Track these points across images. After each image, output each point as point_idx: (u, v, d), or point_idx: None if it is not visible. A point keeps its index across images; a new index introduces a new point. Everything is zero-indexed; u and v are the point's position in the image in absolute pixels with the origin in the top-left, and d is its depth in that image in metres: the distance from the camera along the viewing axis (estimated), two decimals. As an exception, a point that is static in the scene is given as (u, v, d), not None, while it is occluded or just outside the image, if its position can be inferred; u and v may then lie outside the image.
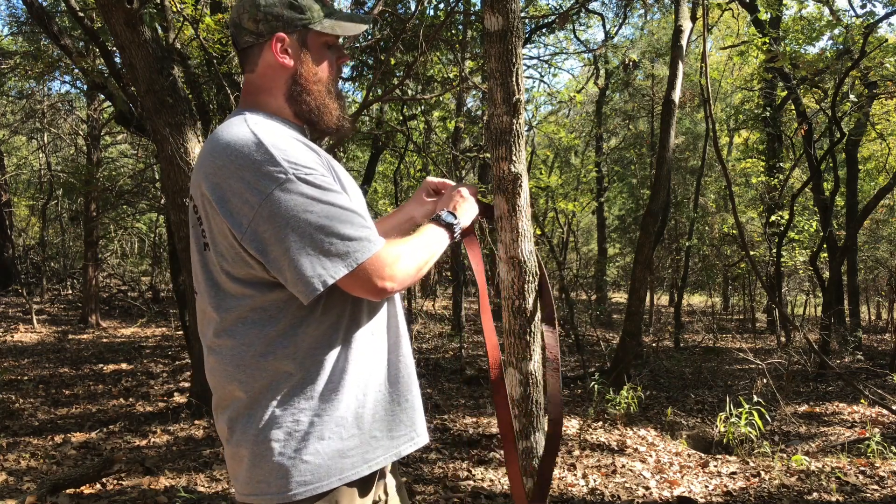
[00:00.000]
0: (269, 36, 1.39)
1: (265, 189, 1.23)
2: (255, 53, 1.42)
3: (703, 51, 4.49)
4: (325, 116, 1.44)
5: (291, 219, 1.23)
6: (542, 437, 1.91)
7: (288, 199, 1.23)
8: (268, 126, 1.32)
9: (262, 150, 1.25)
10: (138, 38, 4.73)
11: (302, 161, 1.26)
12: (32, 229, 16.87)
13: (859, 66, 7.75)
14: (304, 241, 1.23)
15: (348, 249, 1.25)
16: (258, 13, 1.39)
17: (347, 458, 1.32)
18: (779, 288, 10.45)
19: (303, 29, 1.41)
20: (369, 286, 1.28)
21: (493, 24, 1.82)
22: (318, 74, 1.43)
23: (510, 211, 1.84)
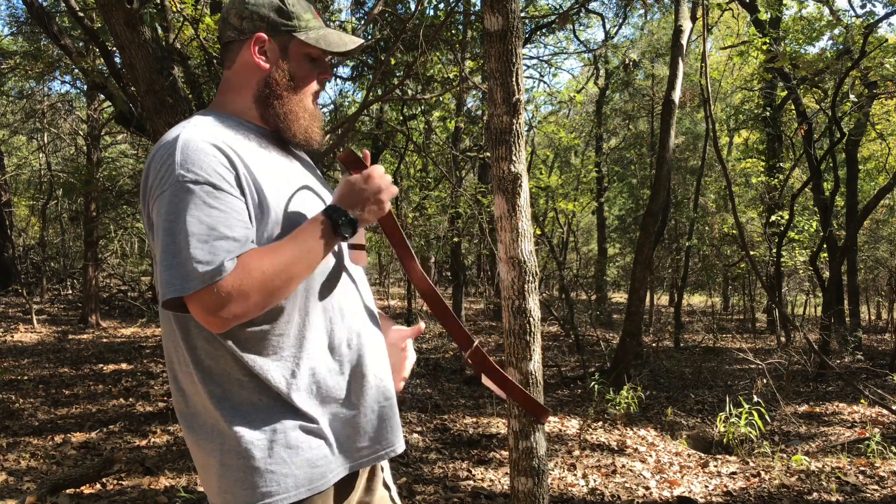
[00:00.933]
0: (250, 35, 1.38)
1: (155, 191, 1.24)
2: (234, 50, 1.40)
3: (703, 51, 4.50)
4: (291, 125, 1.39)
5: (160, 226, 1.21)
6: (542, 437, 1.91)
7: (164, 204, 1.21)
8: (199, 128, 1.28)
9: (170, 152, 1.24)
10: (138, 38, 4.73)
11: (195, 167, 1.21)
12: (32, 229, 16.87)
13: (859, 66, 7.75)
14: (164, 249, 1.19)
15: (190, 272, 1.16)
16: (245, 10, 1.38)
17: (317, 467, 1.30)
18: (779, 288, 10.45)
19: (286, 35, 1.39)
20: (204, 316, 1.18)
21: (493, 24, 1.82)
22: (292, 83, 1.40)
23: (510, 211, 1.84)
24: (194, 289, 1.16)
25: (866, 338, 11.28)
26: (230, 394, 1.27)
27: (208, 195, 1.20)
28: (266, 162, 1.33)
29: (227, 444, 1.26)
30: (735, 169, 14.31)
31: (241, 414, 1.27)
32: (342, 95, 11.31)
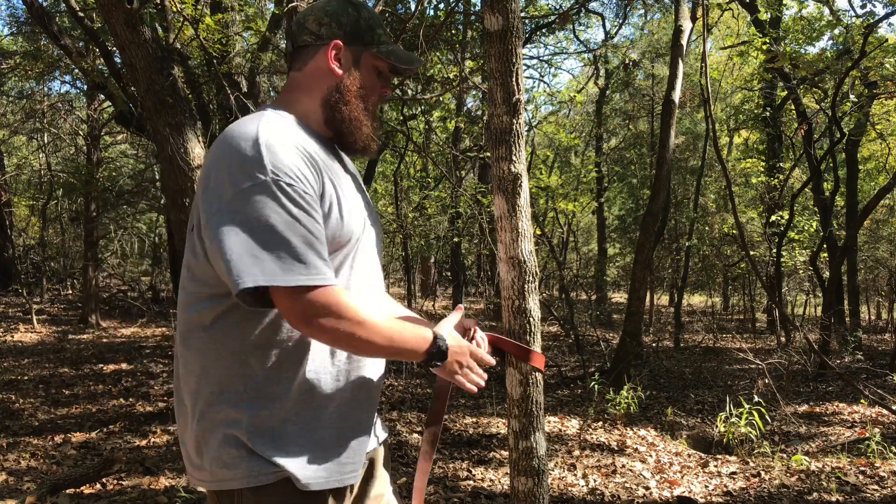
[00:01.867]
0: (327, 41, 1.44)
1: (240, 183, 1.24)
2: (307, 53, 1.46)
3: (703, 51, 4.50)
4: (355, 131, 1.45)
5: (252, 218, 1.22)
6: (542, 437, 1.91)
7: (256, 200, 1.23)
8: (277, 127, 1.32)
9: (255, 148, 1.26)
10: (138, 38, 4.73)
11: (288, 169, 1.26)
12: (32, 229, 16.86)
13: (859, 66, 7.75)
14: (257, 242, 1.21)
15: (294, 267, 1.22)
16: (324, 18, 1.44)
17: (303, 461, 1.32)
18: (779, 288, 10.45)
19: (361, 47, 1.46)
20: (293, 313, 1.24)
21: (493, 24, 1.82)
22: (360, 91, 1.46)
23: (510, 211, 1.84)
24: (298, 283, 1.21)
25: (866, 338, 11.28)
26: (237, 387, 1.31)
27: (301, 199, 1.25)
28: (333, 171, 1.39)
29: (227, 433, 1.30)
30: (735, 169, 14.31)
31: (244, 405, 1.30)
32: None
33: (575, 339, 8.54)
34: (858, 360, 8.67)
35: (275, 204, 1.23)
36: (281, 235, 1.22)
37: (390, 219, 10.28)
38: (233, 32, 6.35)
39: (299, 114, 1.43)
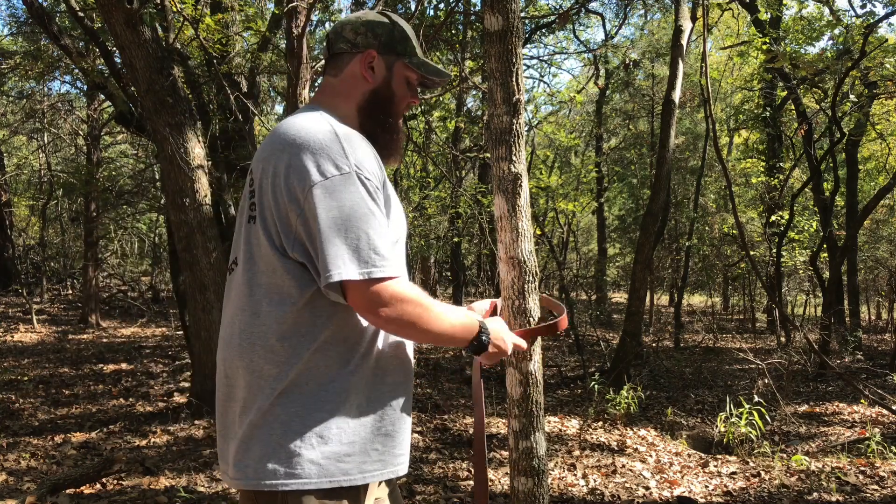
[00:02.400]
0: (362, 49, 1.51)
1: (328, 173, 1.29)
2: (343, 60, 1.53)
3: (703, 51, 4.50)
4: (384, 135, 1.52)
5: (336, 208, 1.28)
6: (542, 437, 1.91)
7: (343, 190, 1.29)
8: (344, 125, 1.40)
9: (336, 142, 1.33)
10: (138, 38, 4.73)
11: (366, 165, 1.33)
12: (32, 229, 16.86)
13: (859, 66, 7.74)
14: (342, 231, 1.27)
15: (372, 259, 1.28)
16: (361, 27, 1.52)
17: (343, 462, 1.34)
18: (779, 288, 10.45)
19: (394, 56, 1.53)
20: (365, 304, 1.29)
21: (493, 24, 1.82)
22: (391, 98, 1.53)
23: (510, 211, 1.84)
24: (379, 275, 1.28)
25: (866, 338, 11.28)
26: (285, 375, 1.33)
27: (377, 194, 1.34)
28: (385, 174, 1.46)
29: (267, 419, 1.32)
30: (735, 169, 14.31)
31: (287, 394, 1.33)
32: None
33: (575, 339, 8.54)
34: (858, 360, 8.67)
35: (357, 196, 1.29)
36: (361, 227, 1.28)
37: (390, 219, 10.30)
38: (233, 32, 6.36)
39: (340, 117, 1.47)
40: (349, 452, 1.34)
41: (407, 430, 1.46)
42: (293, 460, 1.30)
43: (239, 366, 1.37)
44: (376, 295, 1.28)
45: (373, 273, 1.27)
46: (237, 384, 1.38)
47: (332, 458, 1.32)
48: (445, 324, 1.39)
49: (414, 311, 1.32)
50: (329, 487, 1.32)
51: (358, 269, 1.27)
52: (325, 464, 1.32)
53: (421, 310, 1.33)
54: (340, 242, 1.27)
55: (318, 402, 1.33)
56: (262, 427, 1.32)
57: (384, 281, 1.29)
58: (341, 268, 1.26)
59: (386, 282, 1.29)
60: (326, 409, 1.33)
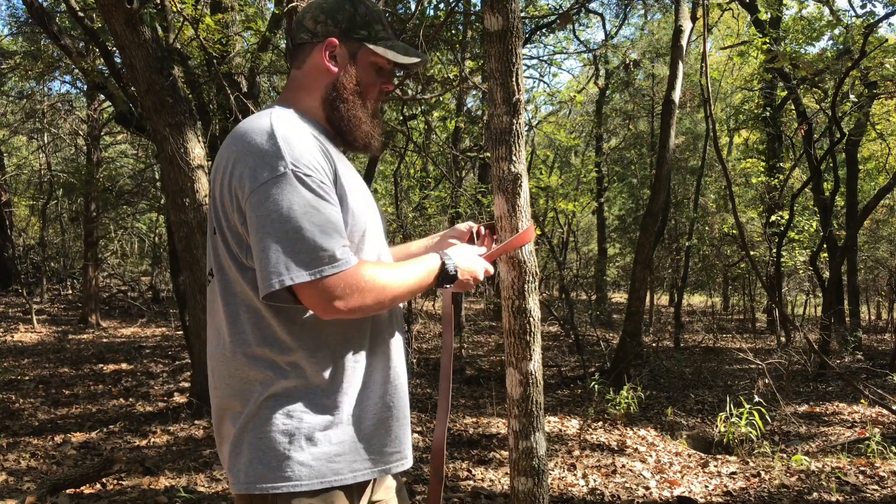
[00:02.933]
0: (322, 38, 1.44)
1: (261, 177, 1.25)
2: (305, 51, 1.47)
3: (703, 51, 4.49)
4: (354, 129, 1.46)
5: (274, 212, 1.24)
6: (542, 437, 1.91)
7: (278, 192, 1.24)
8: (289, 121, 1.35)
9: (272, 141, 1.28)
10: (138, 38, 4.73)
11: (305, 160, 1.28)
12: (32, 229, 16.86)
13: (859, 66, 7.74)
14: (279, 236, 1.24)
15: (317, 258, 1.24)
16: (320, 15, 1.45)
17: (334, 462, 1.33)
18: (779, 288, 10.45)
19: (356, 43, 1.45)
20: (321, 303, 1.26)
21: (493, 24, 1.82)
22: (357, 88, 1.46)
23: (510, 211, 1.84)
24: (327, 273, 1.24)
25: (866, 338, 11.28)
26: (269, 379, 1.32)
27: (319, 188, 1.27)
28: (345, 165, 1.41)
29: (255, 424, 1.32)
30: (735, 169, 14.31)
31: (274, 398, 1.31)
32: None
33: (575, 339, 8.54)
34: (858, 360, 8.67)
35: (296, 195, 1.25)
36: (301, 227, 1.24)
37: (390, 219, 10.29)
38: (233, 32, 6.35)
39: (303, 111, 1.44)
40: (339, 452, 1.34)
41: (400, 425, 1.44)
42: (283, 463, 1.30)
43: (225, 374, 1.37)
44: (329, 291, 1.25)
45: (324, 271, 1.24)
46: (225, 393, 1.37)
47: (323, 458, 1.32)
48: (409, 285, 1.37)
49: (372, 295, 1.30)
50: (320, 488, 1.31)
51: (306, 269, 1.23)
52: (316, 465, 1.31)
53: (378, 291, 1.31)
54: (282, 247, 1.23)
55: (305, 404, 1.32)
56: (251, 432, 1.32)
57: (335, 275, 1.25)
58: (284, 274, 1.23)
59: (337, 275, 1.25)
60: (314, 410, 1.32)
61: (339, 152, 1.44)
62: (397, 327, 1.49)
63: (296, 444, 1.30)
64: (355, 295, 1.27)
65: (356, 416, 1.37)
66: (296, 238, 1.24)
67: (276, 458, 1.30)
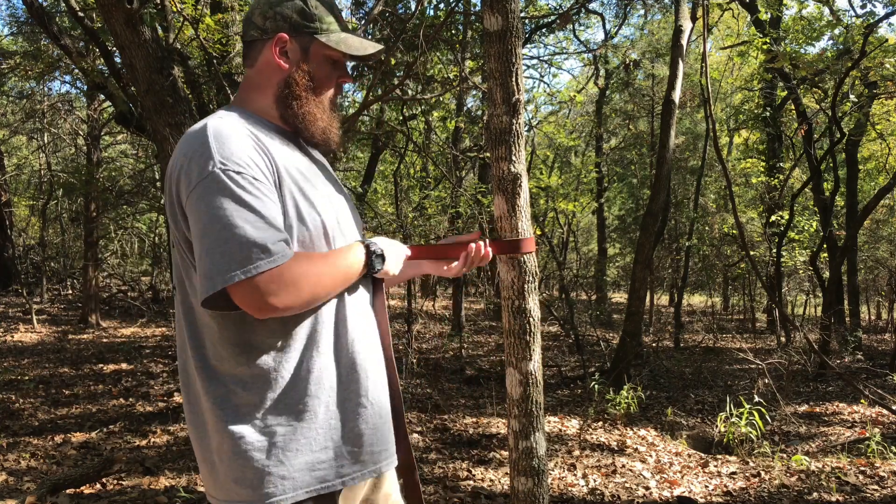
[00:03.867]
0: (272, 35, 1.39)
1: (193, 180, 1.22)
2: (256, 49, 1.42)
3: (703, 51, 4.50)
4: (309, 126, 1.41)
5: (204, 214, 1.20)
6: (542, 437, 1.91)
7: (207, 193, 1.21)
8: (227, 121, 1.30)
9: (202, 143, 1.24)
10: (138, 38, 4.73)
11: (236, 158, 1.23)
12: (32, 229, 16.87)
13: (859, 66, 7.75)
14: (211, 238, 1.19)
15: (249, 255, 1.19)
16: (268, 11, 1.40)
17: (317, 470, 1.29)
18: (779, 288, 10.45)
19: (308, 37, 1.40)
20: (255, 301, 1.20)
21: (492, 24, 1.82)
22: (311, 84, 1.41)
23: (510, 211, 1.84)
24: (262, 269, 1.19)
25: (866, 338, 11.28)
26: (233, 394, 1.28)
27: (251, 184, 1.22)
28: (291, 161, 1.35)
29: (227, 444, 1.27)
30: (735, 169, 14.31)
31: (241, 414, 1.27)
32: (342, 95, 11.30)
33: (575, 339, 8.54)
34: (858, 360, 8.67)
35: (223, 193, 1.20)
36: (231, 225, 1.19)
37: (390, 219, 10.28)
38: (233, 32, 6.35)
39: (258, 111, 1.40)
40: (322, 459, 1.30)
41: (383, 422, 1.40)
42: (264, 480, 1.25)
43: (191, 391, 1.33)
44: (264, 288, 1.19)
45: (259, 266, 1.18)
46: (197, 409, 1.33)
47: (304, 468, 1.28)
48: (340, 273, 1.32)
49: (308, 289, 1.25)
50: (306, 498, 1.28)
51: (239, 268, 1.18)
52: (298, 476, 1.27)
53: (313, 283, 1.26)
54: (214, 249, 1.19)
55: (276, 415, 1.27)
56: (225, 451, 1.27)
57: (269, 271, 1.19)
58: (216, 277, 1.18)
59: (272, 271, 1.20)
60: (286, 419, 1.27)
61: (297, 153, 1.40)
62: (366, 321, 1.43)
63: (273, 458, 1.26)
64: (291, 289, 1.22)
65: (333, 418, 1.32)
66: (227, 237, 1.19)
67: (255, 475, 1.25)
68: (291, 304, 1.23)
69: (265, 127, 1.37)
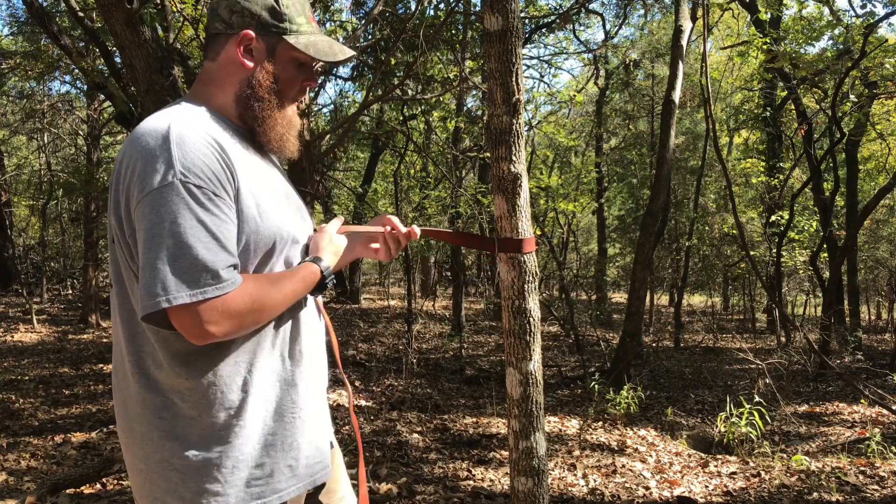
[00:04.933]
0: (237, 30, 1.33)
1: (148, 185, 1.16)
2: (220, 43, 1.35)
3: (703, 51, 4.50)
4: (267, 130, 1.35)
5: (157, 225, 1.14)
6: (542, 437, 1.91)
7: (163, 204, 1.14)
8: (191, 121, 1.24)
9: (164, 146, 1.18)
10: (138, 38, 4.73)
11: (197, 169, 1.17)
12: (32, 229, 16.87)
13: (859, 66, 7.75)
14: (161, 252, 1.14)
15: (198, 279, 1.14)
16: (236, 5, 1.33)
17: (253, 486, 1.26)
18: (779, 288, 10.46)
19: (275, 37, 1.34)
20: (195, 328, 1.15)
21: (492, 24, 1.82)
22: (274, 86, 1.35)
23: (510, 211, 1.84)
24: (210, 295, 1.14)
25: (866, 338, 11.28)
26: (170, 404, 1.24)
27: (210, 202, 1.17)
28: (251, 167, 1.30)
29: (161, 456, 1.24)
30: (735, 169, 14.31)
31: (178, 426, 1.24)
32: (342, 95, 11.31)
33: (575, 339, 8.54)
34: (858, 360, 8.67)
35: (181, 208, 1.15)
36: (184, 244, 1.14)
37: (390, 219, 10.30)
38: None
39: (215, 107, 1.34)
40: (258, 476, 1.26)
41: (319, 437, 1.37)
42: (200, 496, 1.22)
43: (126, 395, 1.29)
44: (207, 315, 1.14)
45: (206, 293, 1.13)
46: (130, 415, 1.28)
47: (240, 484, 1.24)
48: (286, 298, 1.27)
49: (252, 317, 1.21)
50: None
51: (187, 290, 1.13)
52: (233, 493, 1.23)
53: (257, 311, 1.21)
54: (163, 265, 1.13)
55: (215, 430, 1.23)
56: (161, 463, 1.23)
57: (216, 299, 1.14)
58: (161, 295, 1.12)
59: (218, 299, 1.15)
60: (226, 435, 1.23)
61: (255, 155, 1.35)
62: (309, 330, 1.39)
63: (209, 474, 1.22)
64: (233, 318, 1.17)
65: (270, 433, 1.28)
66: (177, 255, 1.13)
67: (190, 491, 1.22)
68: (230, 332, 1.19)
69: (225, 127, 1.31)
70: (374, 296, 16.54)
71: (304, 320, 1.38)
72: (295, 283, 1.30)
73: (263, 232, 1.26)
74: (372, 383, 6.93)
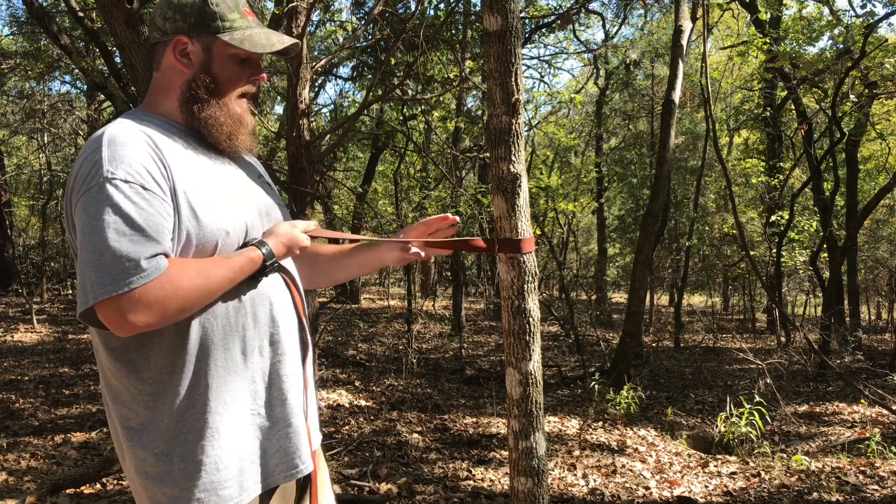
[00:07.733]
0: (171, 36, 1.34)
1: (80, 189, 1.19)
2: (160, 52, 1.37)
3: (703, 51, 4.50)
4: (212, 130, 1.34)
5: (86, 224, 1.16)
6: (542, 437, 1.91)
7: (90, 203, 1.16)
8: (128, 124, 1.26)
9: (98, 150, 1.20)
10: (138, 38, 4.73)
11: (125, 166, 1.18)
12: (32, 229, 16.87)
13: (859, 66, 7.75)
14: (89, 250, 1.15)
15: (121, 271, 1.13)
16: (168, 11, 1.34)
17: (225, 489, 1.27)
18: (779, 288, 10.46)
19: (210, 37, 1.34)
20: (116, 320, 1.14)
21: (492, 24, 1.82)
22: (214, 86, 1.35)
23: (510, 211, 1.84)
24: (124, 289, 1.13)
25: (866, 338, 11.28)
26: (134, 413, 1.25)
27: (136, 194, 1.17)
28: (194, 165, 1.29)
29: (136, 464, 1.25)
30: (735, 169, 14.31)
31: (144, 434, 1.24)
32: (342, 95, 11.31)
33: (575, 339, 8.54)
34: (858, 360, 8.67)
35: (105, 204, 1.15)
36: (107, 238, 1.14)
37: (390, 219, 10.29)
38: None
39: (162, 114, 1.36)
40: (228, 477, 1.26)
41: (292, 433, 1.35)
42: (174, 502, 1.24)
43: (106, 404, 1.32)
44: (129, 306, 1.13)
45: (131, 283, 1.13)
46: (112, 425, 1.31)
47: (210, 488, 1.24)
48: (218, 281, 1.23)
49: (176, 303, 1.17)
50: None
51: (110, 284, 1.12)
52: (204, 497, 1.24)
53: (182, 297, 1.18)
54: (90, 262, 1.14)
55: (181, 434, 1.24)
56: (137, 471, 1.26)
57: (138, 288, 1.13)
58: (89, 292, 1.14)
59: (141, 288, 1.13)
60: (193, 439, 1.24)
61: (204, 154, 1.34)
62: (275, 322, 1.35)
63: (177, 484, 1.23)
64: (153, 306, 1.15)
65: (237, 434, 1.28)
66: (102, 250, 1.14)
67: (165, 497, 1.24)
68: (154, 321, 1.16)
69: (169, 130, 1.31)
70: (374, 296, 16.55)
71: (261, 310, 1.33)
72: (229, 268, 1.25)
73: (204, 230, 1.25)
74: (372, 383, 6.93)
